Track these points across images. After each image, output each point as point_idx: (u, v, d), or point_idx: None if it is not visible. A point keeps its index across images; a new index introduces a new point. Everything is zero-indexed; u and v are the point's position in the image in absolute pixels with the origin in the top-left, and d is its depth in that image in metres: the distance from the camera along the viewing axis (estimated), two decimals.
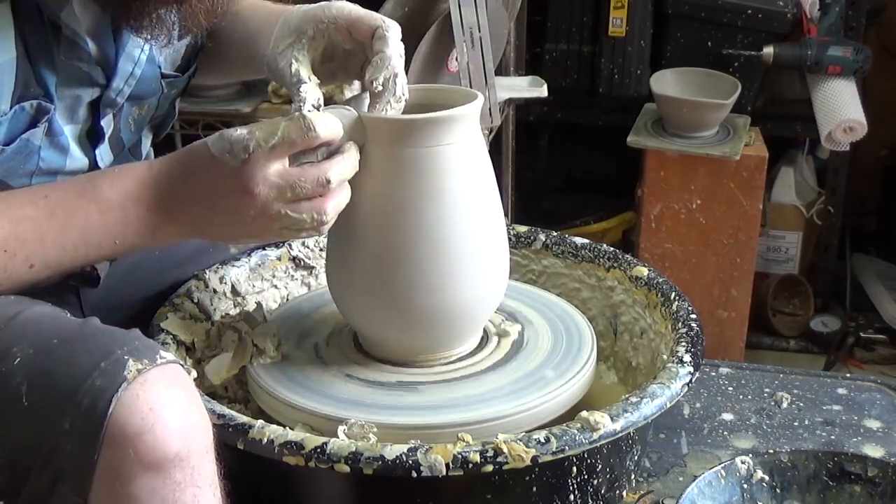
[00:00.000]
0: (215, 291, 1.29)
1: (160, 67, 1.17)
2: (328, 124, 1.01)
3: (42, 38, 1.02)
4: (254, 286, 1.33)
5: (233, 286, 1.31)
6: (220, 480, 0.95)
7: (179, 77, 1.21)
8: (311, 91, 1.06)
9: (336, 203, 1.02)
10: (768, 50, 2.53)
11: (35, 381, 0.91)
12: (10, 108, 1.01)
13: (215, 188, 1.00)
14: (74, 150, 1.10)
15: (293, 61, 1.08)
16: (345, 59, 1.12)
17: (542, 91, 2.25)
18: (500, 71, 2.13)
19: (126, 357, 0.90)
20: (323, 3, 1.09)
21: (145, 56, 1.13)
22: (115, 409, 0.87)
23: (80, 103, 1.09)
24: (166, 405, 0.89)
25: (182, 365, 0.95)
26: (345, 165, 1.02)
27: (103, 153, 1.14)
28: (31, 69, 1.02)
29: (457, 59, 1.42)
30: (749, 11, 2.57)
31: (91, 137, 1.13)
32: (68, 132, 1.09)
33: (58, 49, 1.04)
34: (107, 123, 1.13)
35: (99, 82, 1.09)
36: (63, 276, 1.12)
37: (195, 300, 1.25)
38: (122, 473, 0.88)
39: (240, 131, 0.99)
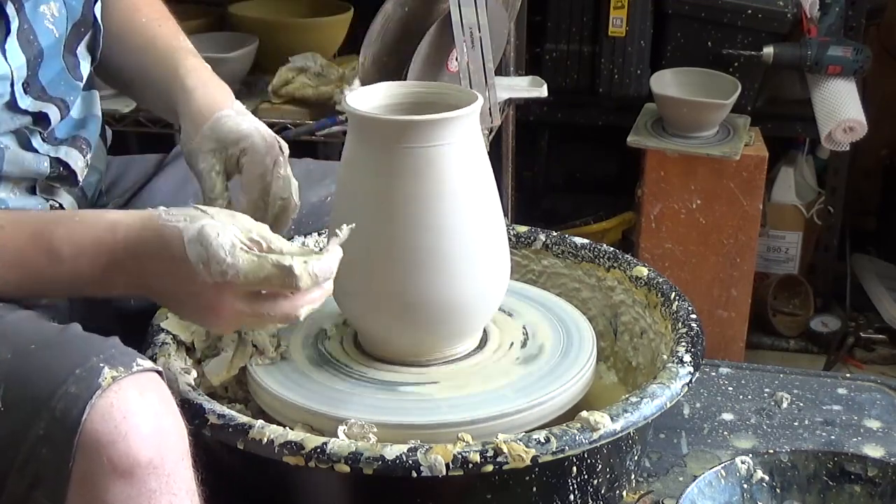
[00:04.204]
0: None
1: None
2: (317, 276, 0.98)
3: None
4: None
5: None
6: (198, 486, 0.95)
7: None
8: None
9: (301, 316, 1.01)
10: (768, 50, 2.53)
11: (12, 385, 0.91)
12: None
13: (180, 288, 1.00)
14: None
15: (213, 172, 1.14)
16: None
17: (542, 91, 2.25)
18: (500, 71, 2.13)
19: (101, 364, 0.90)
20: (254, 130, 1.15)
21: None
22: (89, 416, 0.88)
23: None
24: (139, 413, 0.89)
25: (159, 371, 0.95)
26: (317, 300, 1.01)
27: (12, 50, 1.10)
28: None
29: (457, 59, 1.42)
30: (749, 11, 2.57)
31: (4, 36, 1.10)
32: None
33: None
34: (11, 15, 1.09)
35: None
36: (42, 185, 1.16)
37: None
38: (96, 481, 0.88)
39: (222, 248, 0.96)
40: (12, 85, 1.10)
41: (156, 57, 1.26)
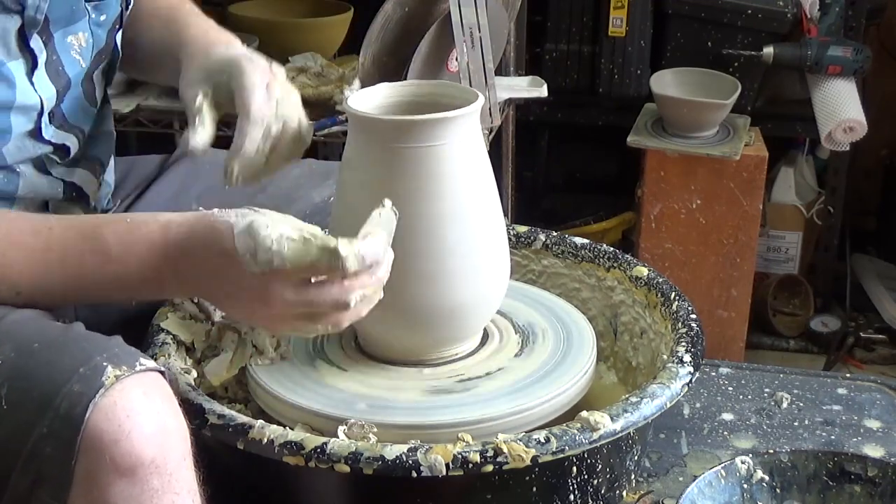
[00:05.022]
0: None
1: None
2: (364, 257, 0.95)
3: None
4: None
5: None
6: (200, 486, 0.95)
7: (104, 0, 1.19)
8: (208, 123, 1.10)
9: (355, 314, 0.99)
10: (768, 50, 2.53)
11: (15, 383, 0.91)
12: None
13: (230, 281, 0.99)
14: (22, 83, 1.09)
15: (200, 94, 1.11)
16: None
17: (542, 91, 2.25)
18: (500, 71, 2.13)
19: (105, 363, 0.90)
20: (244, 57, 1.14)
21: None
22: (92, 414, 0.88)
23: (7, 34, 1.07)
24: (142, 412, 0.89)
25: (162, 371, 0.95)
26: (369, 287, 0.98)
27: (41, 82, 1.11)
28: None
29: (457, 59, 1.42)
30: (749, 11, 2.57)
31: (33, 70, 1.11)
32: (13, 68, 1.08)
33: None
34: (38, 48, 1.11)
35: (12, 8, 1.07)
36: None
37: (195, 300, 1.25)
38: (98, 480, 0.88)
39: (269, 238, 0.95)
40: (40, 115, 1.12)
41: (167, 18, 1.26)
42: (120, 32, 1.24)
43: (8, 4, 1.07)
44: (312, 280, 0.97)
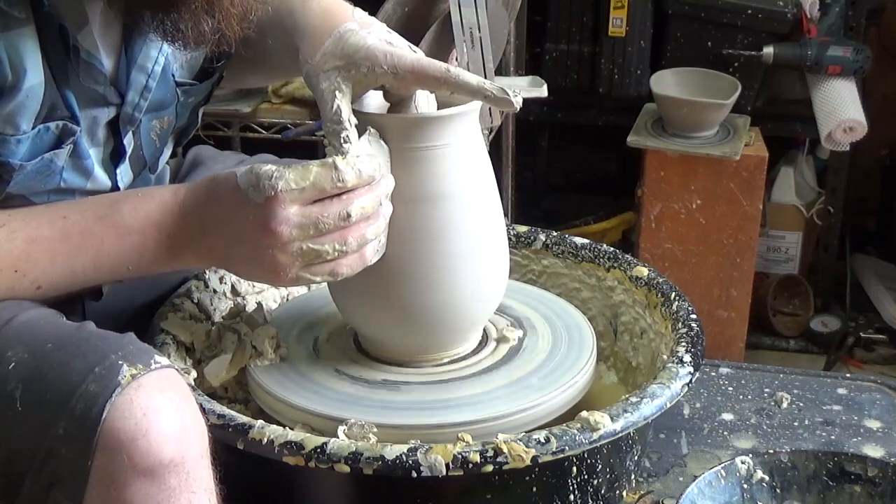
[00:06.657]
0: (215, 291, 1.29)
1: (174, 76, 1.14)
2: (361, 171, 0.99)
3: (63, 60, 1.01)
4: (254, 286, 1.33)
5: (233, 286, 1.30)
6: (217, 485, 0.95)
7: (196, 85, 1.18)
8: (353, 136, 1.03)
9: (359, 234, 1.00)
10: (768, 50, 2.53)
11: (29, 385, 0.91)
12: (33, 127, 1.00)
13: (236, 220, 0.99)
14: (98, 172, 1.10)
15: (337, 92, 1.04)
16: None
17: (542, 91, 2.24)
18: (500, 71, 2.13)
19: (120, 362, 0.90)
20: (384, 46, 1.04)
21: (160, 68, 1.11)
22: (109, 414, 0.87)
23: (97, 124, 1.08)
24: (160, 410, 0.89)
25: (177, 370, 0.95)
26: (367, 199, 1.00)
27: (123, 172, 1.13)
28: (58, 92, 1.01)
29: (457, 59, 1.42)
30: (749, 11, 2.57)
31: (114, 159, 1.12)
32: (93, 155, 1.08)
33: (76, 71, 1.03)
34: (128, 141, 1.12)
35: (113, 102, 1.08)
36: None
37: (195, 300, 1.25)
38: (116, 479, 0.88)
39: (269, 167, 0.98)
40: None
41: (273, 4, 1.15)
42: (202, 108, 1.24)
43: (110, 99, 1.07)
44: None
